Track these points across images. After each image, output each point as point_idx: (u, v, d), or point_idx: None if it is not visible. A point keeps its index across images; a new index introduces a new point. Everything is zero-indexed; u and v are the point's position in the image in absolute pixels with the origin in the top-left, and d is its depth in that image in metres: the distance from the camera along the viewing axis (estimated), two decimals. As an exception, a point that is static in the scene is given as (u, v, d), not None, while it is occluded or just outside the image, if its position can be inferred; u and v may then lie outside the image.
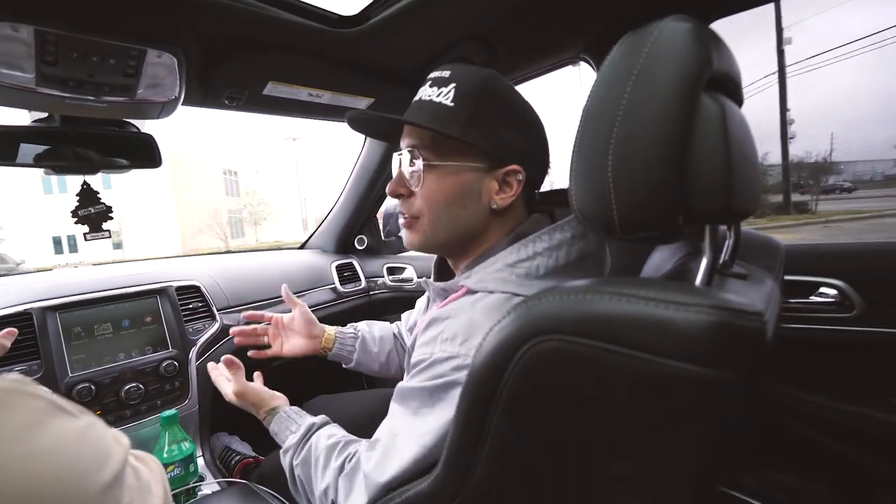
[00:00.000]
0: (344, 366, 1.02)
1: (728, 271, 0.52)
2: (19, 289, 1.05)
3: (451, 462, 0.47)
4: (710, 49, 0.40)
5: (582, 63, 1.07)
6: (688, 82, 0.39)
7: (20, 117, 0.93)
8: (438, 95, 0.61)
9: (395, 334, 1.07)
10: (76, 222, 0.97)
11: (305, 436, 0.72)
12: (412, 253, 1.78)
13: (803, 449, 0.91)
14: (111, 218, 1.02)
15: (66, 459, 0.33)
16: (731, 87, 0.48)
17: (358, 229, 1.77)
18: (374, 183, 1.60)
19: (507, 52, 1.01)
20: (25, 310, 0.99)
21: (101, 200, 1.00)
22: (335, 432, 0.71)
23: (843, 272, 0.87)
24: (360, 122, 0.72)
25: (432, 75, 0.64)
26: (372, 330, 1.05)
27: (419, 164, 0.63)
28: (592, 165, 0.43)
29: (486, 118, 0.60)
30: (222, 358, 0.89)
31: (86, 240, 0.99)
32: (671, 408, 0.36)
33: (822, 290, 0.90)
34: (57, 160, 0.93)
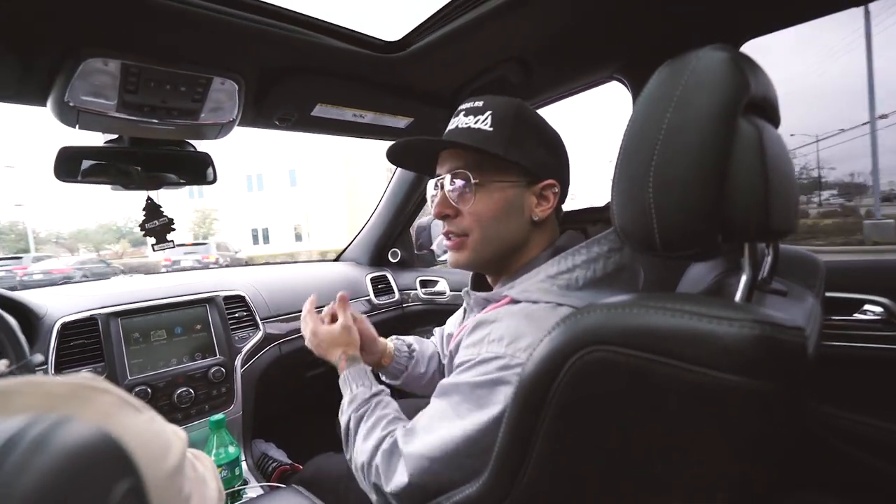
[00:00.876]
0: (387, 381, 1.01)
1: (767, 288, 0.53)
2: (85, 296, 1.14)
3: (500, 466, 0.49)
4: (746, 75, 0.43)
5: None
6: (726, 109, 0.41)
7: (93, 139, 1.02)
8: (476, 122, 0.66)
9: (438, 354, 1.07)
10: (144, 235, 1.05)
11: (375, 395, 0.76)
12: (444, 267, 1.82)
13: (848, 469, 0.88)
14: (174, 229, 1.09)
15: (135, 446, 0.36)
16: (767, 109, 0.50)
17: (392, 243, 1.82)
18: (409, 198, 1.65)
19: (543, 72, 1.05)
20: (91, 315, 1.06)
21: (164, 214, 1.07)
22: (391, 406, 0.75)
23: (888, 289, 0.86)
24: (398, 154, 0.76)
25: (465, 106, 0.69)
26: (423, 349, 1.05)
27: (464, 183, 0.67)
28: (634, 186, 0.45)
29: (521, 139, 0.66)
30: (339, 295, 0.91)
31: (154, 251, 1.07)
32: (715, 416, 0.38)
33: (867, 307, 0.88)
34: (127, 178, 1.01)
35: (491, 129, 0.65)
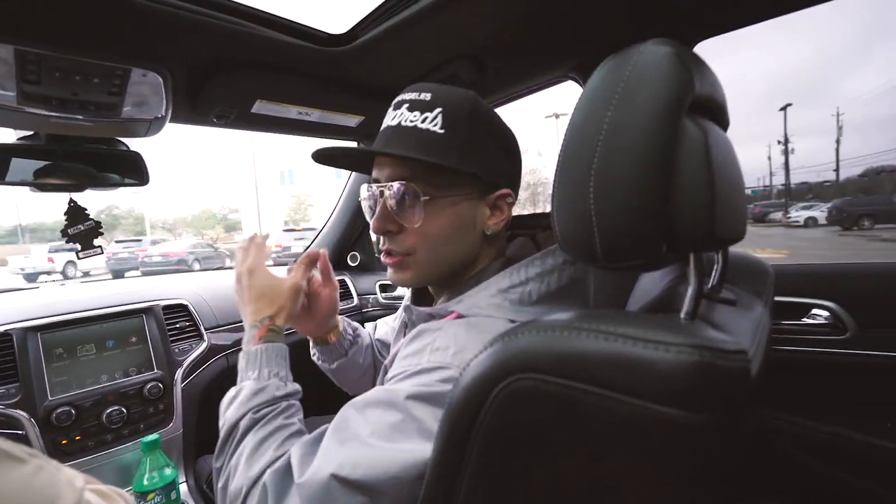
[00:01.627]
0: (320, 361, 0.89)
1: (716, 297, 0.50)
2: (2, 308, 1.03)
3: (430, 501, 0.45)
4: (691, 72, 0.40)
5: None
6: (669, 107, 0.38)
7: (4, 135, 0.92)
8: (424, 121, 0.56)
9: (373, 346, 0.95)
10: (67, 241, 0.96)
11: (289, 396, 0.62)
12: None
13: (797, 474, 0.89)
14: (101, 233, 1.01)
15: None
16: (715, 111, 0.47)
17: (351, 245, 1.76)
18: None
19: (496, 70, 1.01)
20: (5, 330, 0.96)
21: (90, 217, 0.99)
22: (298, 415, 0.62)
23: (835, 294, 0.86)
24: (326, 157, 0.66)
25: (408, 97, 0.59)
26: (363, 337, 0.92)
27: (409, 198, 0.58)
28: (574, 192, 0.42)
29: (476, 144, 0.58)
30: (311, 250, 0.76)
31: (78, 258, 0.98)
32: (651, 451, 0.34)
33: (815, 311, 0.88)
34: (42, 178, 0.92)
35: (442, 131, 0.56)
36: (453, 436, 0.41)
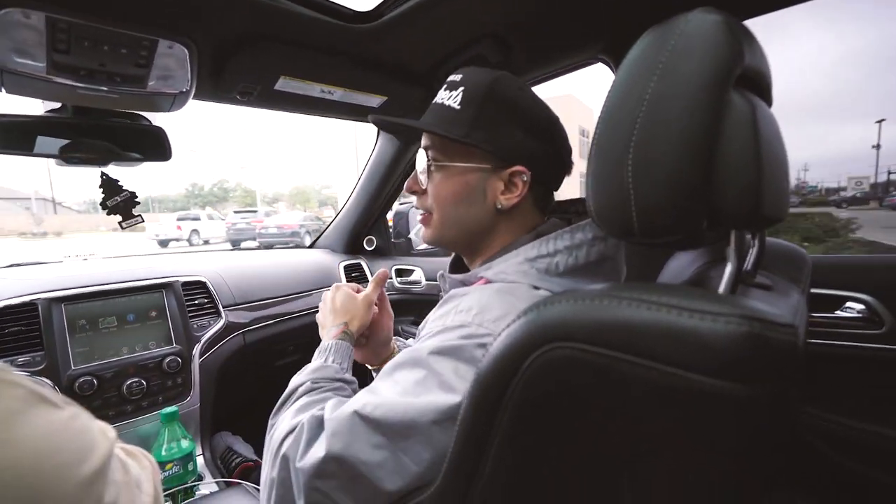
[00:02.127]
0: None
1: (751, 281, 0.49)
2: (27, 279, 1.05)
3: (453, 472, 0.44)
4: (741, 43, 0.38)
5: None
6: (717, 78, 0.37)
7: (33, 107, 0.93)
8: (449, 98, 0.63)
9: None
10: (107, 213, 0.98)
11: (345, 381, 0.67)
12: (421, 255, 1.76)
13: (826, 470, 0.86)
14: (138, 203, 1.02)
15: (45, 450, 0.31)
16: (761, 86, 0.45)
17: (367, 230, 1.75)
18: (384, 184, 1.58)
19: (522, 51, 0.99)
20: (31, 300, 0.98)
21: (124, 188, 0.99)
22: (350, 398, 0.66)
23: (870, 286, 0.83)
24: (383, 124, 0.77)
25: (449, 78, 0.66)
26: None
27: (428, 164, 0.66)
28: (611, 165, 0.40)
29: (490, 120, 0.61)
30: (381, 272, 0.85)
31: (122, 228, 1.00)
32: (693, 424, 0.33)
33: (849, 304, 0.85)
34: (69, 151, 0.92)
35: (459, 107, 0.62)
36: (483, 403, 0.40)
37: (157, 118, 1.03)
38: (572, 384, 0.36)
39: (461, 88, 0.62)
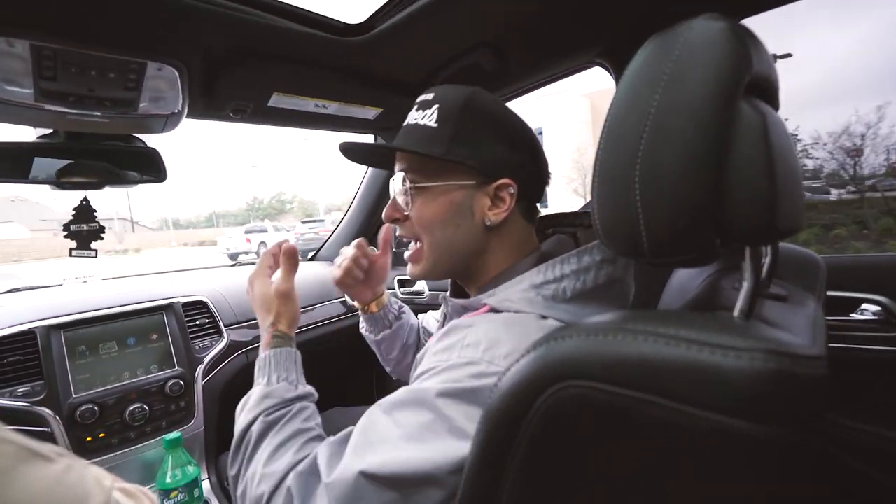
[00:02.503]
0: (365, 332, 0.94)
1: (765, 292, 0.47)
2: (24, 307, 1.04)
3: None
4: (748, 49, 0.36)
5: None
6: (725, 88, 0.35)
7: (25, 134, 0.92)
8: (423, 118, 0.61)
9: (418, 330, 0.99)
10: (65, 236, 0.95)
11: (299, 399, 0.62)
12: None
13: (841, 477, 0.84)
14: (101, 238, 0.98)
15: None
16: (769, 92, 0.43)
17: (368, 239, 1.74)
18: (385, 193, 1.57)
19: (518, 58, 0.97)
20: (30, 328, 0.97)
21: (97, 219, 0.97)
22: (315, 419, 0.62)
23: (887, 287, 0.81)
24: (353, 153, 0.72)
25: (419, 99, 0.64)
26: (409, 317, 0.97)
27: (408, 186, 0.62)
28: (617, 183, 0.39)
29: (469, 135, 0.60)
30: (286, 246, 0.76)
31: (70, 255, 0.95)
32: (717, 467, 0.31)
33: (864, 306, 0.83)
34: (64, 176, 0.91)
35: (435, 124, 0.60)
36: (492, 442, 0.38)
37: (152, 139, 1.02)
38: (587, 424, 0.34)
39: (435, 106, 0.60)
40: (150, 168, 0.99)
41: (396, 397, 0.51)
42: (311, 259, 1.85)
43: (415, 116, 0.63)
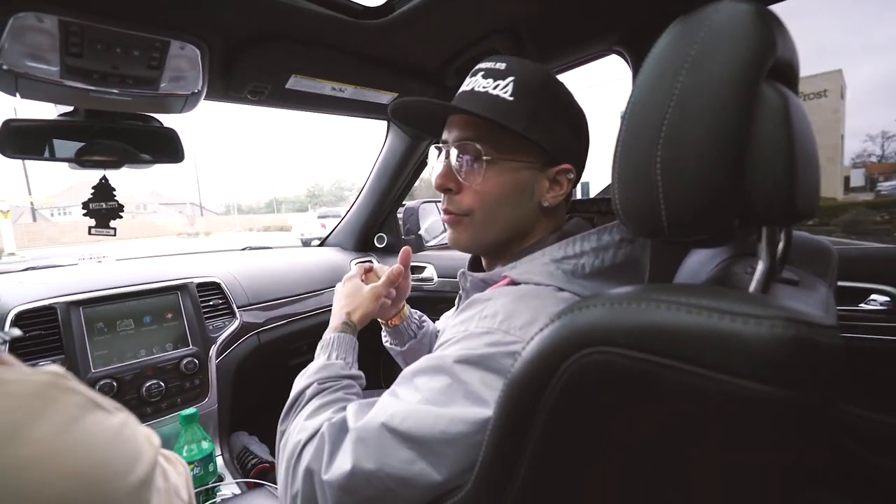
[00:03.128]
0: (390, 345, 0.94)
1: (778, 276, 0.48)
2: (44, 283, 1.06)
3: (483, 479, 0.44)
4: (773, 33, 0.37)
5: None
6: (748, 71, 0.35)
7: (45, 112, 0.93)
8: (495, 88, 0.58)
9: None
10: (85, 214, 0.96)
11: (350, 377, 0.66)
12: (432, 252, 1.75)
13: (850, 465, 0.85)
14: (120, 216, 1.00)
15: (101, 458, 0.31)
16: (790, 77, 0.44)
17: (378, 227, 1.75)
18: (395, 181, 1.58)
19: (535, 45, 0.97)
20: (50, 304, 0.99)
21: (115, 199, 0.99)
22: (358, 397, 0.64)
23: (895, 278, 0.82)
24: (404, 112, 0.67)
25: (484, 66, 0.61)
26: (430, 325, 0.97)
27: (473, 157, 0.60)
28: (638, 161, 0.39)
29: (544, 115, 0.59)
30: (397, 267, 0.82)
31: (90, 233, 0.98)
32: (738, 432, 0.32)
33: (873, 296, 0.84)
34: (83, 155, 0.92)
35: (512, 98, 0.57)
36: (516, 409, 0.39)
37: (166, 119, 1.03)
38: (610, 390, 0.35)
39: (510, 78, 0.58)
40: (168, 148, 1.00)
41: (418, 365, 0.54)
42: (321, 245, 1.87)
43: (482, 84, 0.59)
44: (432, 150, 0.67)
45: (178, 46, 0.75)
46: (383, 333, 0.94)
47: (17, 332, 0.47)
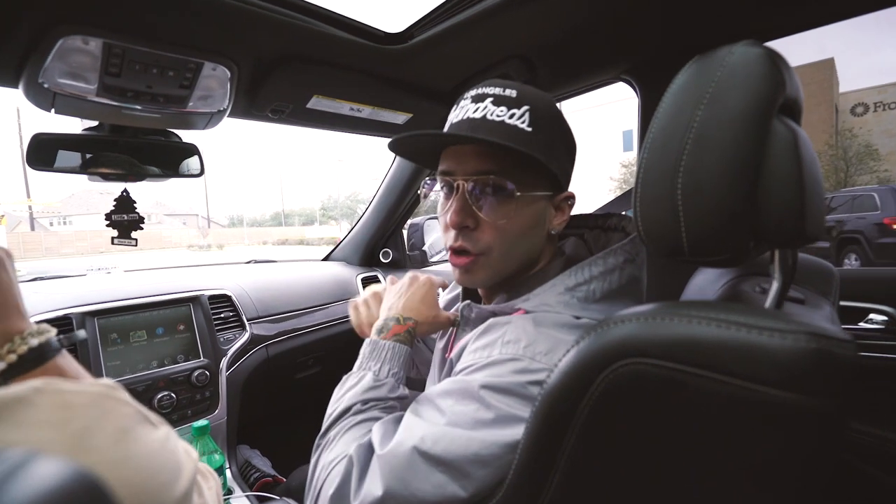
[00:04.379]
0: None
1: (786, 295, 0.51)
2: (57, 293, 1.07)
3: (515, 489, 0.46)
4: (783, 74, 0.41)
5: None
6: (761, 107, 0.39)
7: (70, 126, 0.95)
8: (511, 117, 0.56)
9: None
10: (108, 225, 0.99)
11: (399, 399, 0.62)
12: (436, 267, 1.78)
13: (851, 480, 0.88)
14: (141, 228, 1.03)
15: (151, 469, 0.32)
16: (796, 112, 0.48)
17: (384, 242, 1.78)
18: (403, 198, 1.61)
19: (547, 72, 1.02)
20: (66, 314, 1.00)
21: (136, 210, 1.01)
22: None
23: (894, 298, 0.85)
24: (408, 142, 0.62)
25: (492, 91, 0.58)
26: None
27: (500, 192, 0.57)
28: (660, 188, 0.43)
29: (557, 146, 0.60)
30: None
31: (112, 243, 1.00)
32: (763, 436, 0.35)
33: (872, 315, 0.88)
34: (105, 168, 0.95)
35: (530, 129, 0.56)
36: (550, 421, 0.42)
37: (186, 134, 1.05)
38: (645, 400, 0.38)
39: (525, 108, 0.56)
40: (190, 163, 1.03)
41: (443, 388, 0.53)
42: (325, 259, 1.88)
43: (496, 112, 0.56)
44: (426, 183, 0.65)
45: (211, 67, 0.79)
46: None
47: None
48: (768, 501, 0.38)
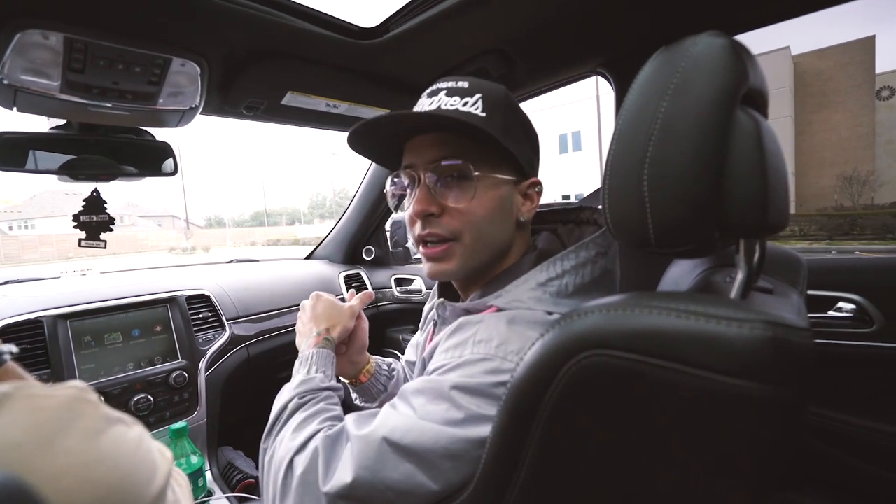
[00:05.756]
0: (361, 403, 0.89)
1: (753, 286, 0.52)
2: (28, 296, 1.04)
3: (484, 482, 0.46)
4: (746, 64, 0.41)
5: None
6: (724, 98, 0.40)
7: (38, 124, 0.93)
8: (465, 105, 0.57)
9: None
10: (75, 226, 0.96)
11: (330, 389, 0.66)
12: (420, 264, 1.77)
13: (821, 465, 0.90)
14: (111, 229, 1.00)
15: (124, 469, 0.32)
16: (759, 103, 0.49)
17: (366, 240, 1.77)
18: (383, 195, 1.60)
19: (525, 65, 1.02)
20: (37, 318, 0.97)
21: (107, 210, 0.99)
22: (339, 408, 0.64)
23: (862, 287, 0.87)
24: (359, 139, 0.63)
25: (445, 85, 0.60)
26: (399, 369, 0.93)
27: (461, 176, 0.58)
28: (627, 179, 0.43)
29: (512, 130, 0.60)
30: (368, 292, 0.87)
31: (80, 245, 0.98)
32: (723, 425, 0.35)
33: (840, 304, 0.90)
34: (74, 168, 0.92)
35: (484, 114, 0.57)
36: (516, 414, 0.42)
37: (159, 133, 1.03)
38: (608, 391, 0.38)
39: (478, 95, 0.58)
40: (162, 162, 1.01)
41: (416, 386, 0.54)
42: (308, 258, 1.87)
43: (449, 102, 0.58)
44: (388, 180, 0.66)
45: (180, 63, 0.77)
46: (352, 394, 0.89)
47: (13, 348, 0.46)
48: (731, 488, 0.39)
